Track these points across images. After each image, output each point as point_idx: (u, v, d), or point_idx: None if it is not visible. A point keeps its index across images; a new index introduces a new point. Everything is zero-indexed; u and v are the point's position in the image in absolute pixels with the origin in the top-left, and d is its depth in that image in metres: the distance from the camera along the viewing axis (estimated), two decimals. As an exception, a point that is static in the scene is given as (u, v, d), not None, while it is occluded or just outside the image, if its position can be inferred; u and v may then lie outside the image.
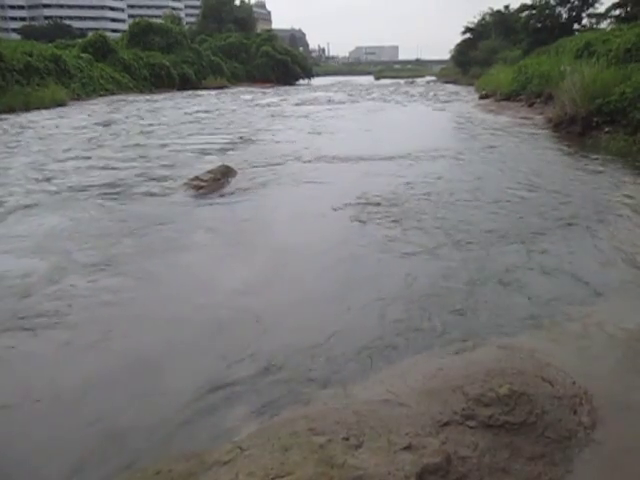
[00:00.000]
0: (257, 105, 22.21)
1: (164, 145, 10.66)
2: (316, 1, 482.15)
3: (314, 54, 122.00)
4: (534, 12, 27.85)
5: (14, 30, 61.57)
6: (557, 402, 2.30)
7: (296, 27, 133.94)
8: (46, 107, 20.82)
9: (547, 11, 26.98)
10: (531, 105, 15.50)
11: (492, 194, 6.21)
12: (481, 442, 2.05)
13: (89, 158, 9.18)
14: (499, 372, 2.45)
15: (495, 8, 38.33)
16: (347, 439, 1.97)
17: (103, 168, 8.23)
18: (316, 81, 56.26)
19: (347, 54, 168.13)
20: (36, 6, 75.05)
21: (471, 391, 2.30)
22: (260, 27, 65.55)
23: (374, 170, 7.75)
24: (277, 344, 2.97)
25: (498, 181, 6.95)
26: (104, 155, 9.47)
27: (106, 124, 14.99)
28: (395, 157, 8.63)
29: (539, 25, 26.99)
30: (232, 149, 10.07)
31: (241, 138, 11.64)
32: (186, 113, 18.48)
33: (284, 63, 51.23)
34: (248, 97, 27.84)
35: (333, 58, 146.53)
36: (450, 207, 5.66)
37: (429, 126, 14.38)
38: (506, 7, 37.30)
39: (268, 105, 22.01)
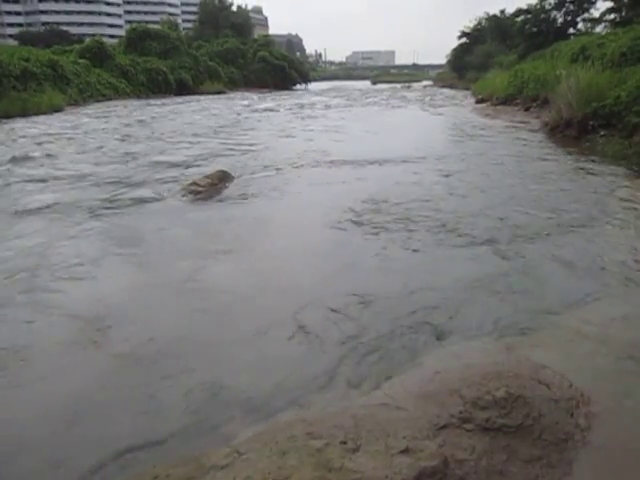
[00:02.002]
0: (255, 110, 22.23)
1: (165, 148, 10.68)
2: (313, 7, 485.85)
3: (311, 59, 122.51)
4: (530, 16, 28.03)
5: (11, 36, 61.58)
6: (554, 405, 2.30)
7: (293, 32, 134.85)
8: (43, 113, 20.81)
9: (543, 15, 27.14)
10: (527, 109, 15.57)
11: (491, 193, 6.31)
12: (478, 445, 2.05)
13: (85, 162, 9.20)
14: (496, 375, 2.46)
15: (491, 13, 38.72)
16: (345, 443, 1.97)
17: (102, 171, 8.25)
18: (313, 86, 56.41)
19: (344, 59, 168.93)
20: (33, 12, 75.16)
21: (468, 394, 2.30)
22: (257, 32, 65.77)
23: (377, 173, 7.79)
24: (270, 351, 2.97)
25: (497, 182, 6.98)
26: (100, 160, 9.50)
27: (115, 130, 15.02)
28: (396, 160, 8.68)
29: (535, 29, 27.15)
30: (228, 154, 10.06)
31: (238, 143, 11.63)
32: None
33: (281, 68, 51.40)
34: (245, 102, 27.88)
35: (330, 63, 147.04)
36: (450, 211, 5.68)
37: (427, 130, 14.40)
38: (502, 12, 37.62)
39: (265, 110, 22.04)
